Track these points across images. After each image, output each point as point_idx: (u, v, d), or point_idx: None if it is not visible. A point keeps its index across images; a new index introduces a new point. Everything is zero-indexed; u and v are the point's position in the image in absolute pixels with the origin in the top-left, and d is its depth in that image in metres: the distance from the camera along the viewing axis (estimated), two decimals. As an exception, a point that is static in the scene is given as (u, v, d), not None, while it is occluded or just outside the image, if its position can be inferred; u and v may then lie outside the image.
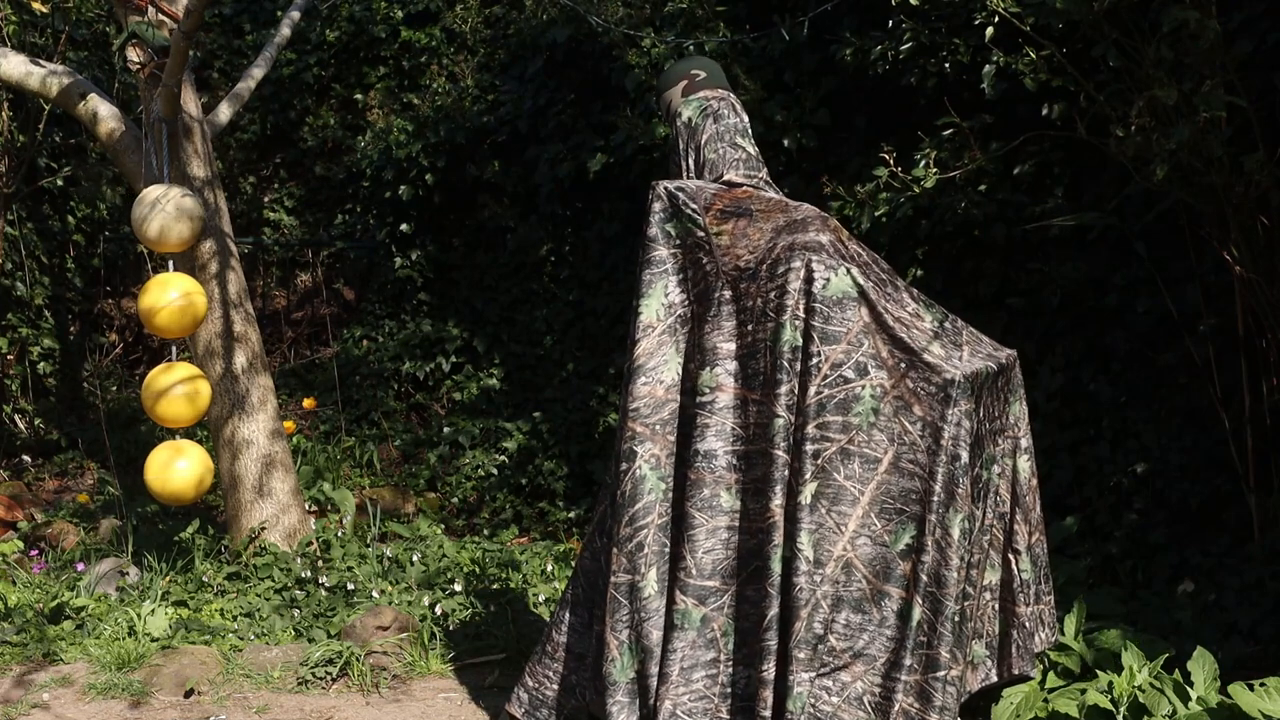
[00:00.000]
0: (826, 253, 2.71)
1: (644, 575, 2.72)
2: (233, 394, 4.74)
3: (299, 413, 7.24)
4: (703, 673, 2.69)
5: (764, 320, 2.70)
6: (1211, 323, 4.02)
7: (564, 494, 6.25)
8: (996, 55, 4.29)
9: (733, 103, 3.05)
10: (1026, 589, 2.93)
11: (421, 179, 7.25)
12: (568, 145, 6.57)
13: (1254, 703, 2.72)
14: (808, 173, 5.29)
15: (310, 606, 4.29)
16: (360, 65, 8.13)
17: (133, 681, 3.60)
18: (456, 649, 3.88)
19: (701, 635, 2.69)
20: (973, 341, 2.85)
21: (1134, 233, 4.24)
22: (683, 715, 2.66)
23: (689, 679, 2.68)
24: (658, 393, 2.77)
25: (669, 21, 5.69)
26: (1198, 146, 3.58)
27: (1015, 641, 2.93)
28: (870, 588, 2.67)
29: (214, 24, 8.18)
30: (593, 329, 6.63)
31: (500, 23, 7.65)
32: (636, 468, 2.73)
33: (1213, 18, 3.51)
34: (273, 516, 4.77)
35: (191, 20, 4.02)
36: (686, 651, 2.68)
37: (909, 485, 2.66)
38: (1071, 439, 4.47)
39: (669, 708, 2.65)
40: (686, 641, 2.68)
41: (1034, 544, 2.97)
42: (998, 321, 4.63)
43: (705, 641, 2.69)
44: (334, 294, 8.08)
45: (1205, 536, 4.02)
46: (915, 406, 2.67)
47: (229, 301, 4.74)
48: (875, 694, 2.64)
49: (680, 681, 2.67)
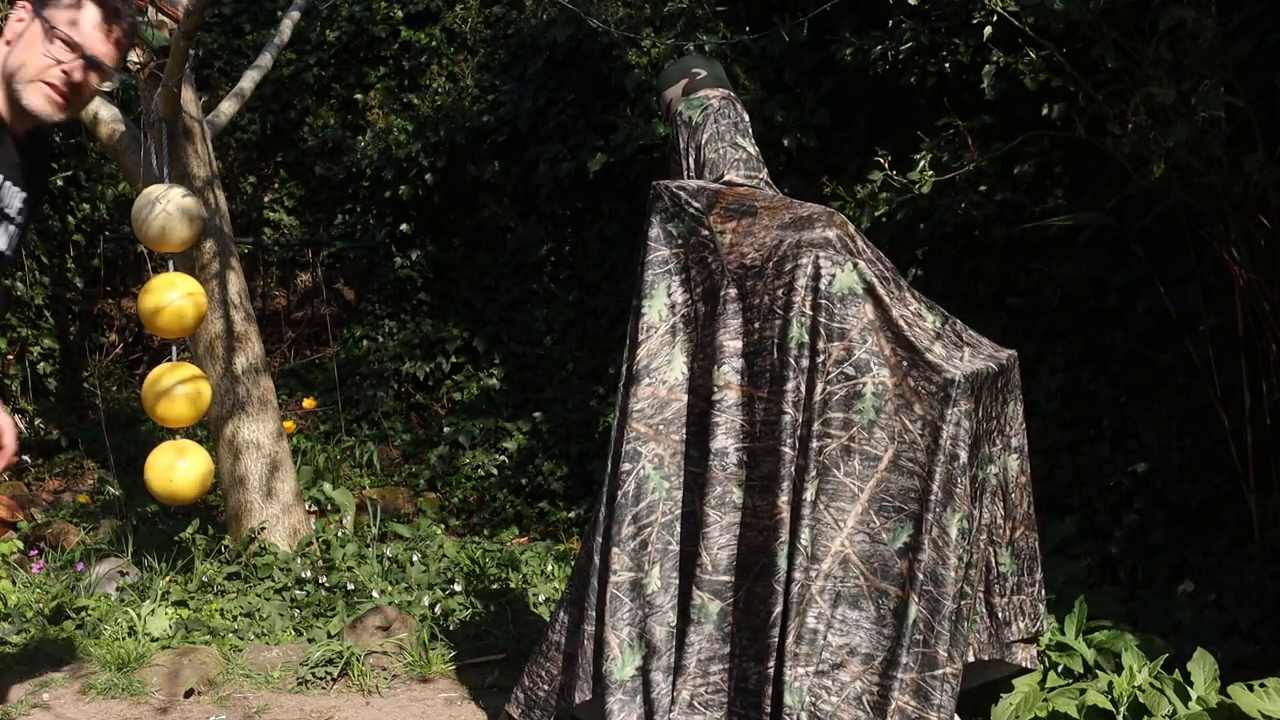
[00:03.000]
0: (834, 249, 2.71)
1: (648, 573, 2.73)
2: (233, 394, 4.74)
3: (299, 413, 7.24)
4: (719, 666, 2.71)
5: (771, 318, 2.70)
6: (1211, 323, 4.02)
7: (564, 494, 6.26)
8: (996, 55, 4.29)
9: (734, 102, 3.05)
10: (1003, 580, 2.94)
11: (421, 179, 7.25)
12: (568, 145, 6.57)
13: (1254, 703, 2.72)
14: (808, 173, 5.29)
15: (310, 606, 4.29)
16: (360, 65, 8.14)
17: (133, 681, 3.60)
18: (456, 649, 3.88)
19: (719, 629, 2.70)
20: (973, 343, 2.86)
21: (1133, 233, 4.24)
22: (699, 706, 2.68)
23: (706, 671, 2.70)
24: (660, 393, 2.78)
25: (669, 21, 5.69)
26: (1197, 146, 3.58)
27: (988, 629, 2.94)
28: (868, 584, 2.67)
29: (214, 24, 8.18)
30: (593, 329, 6.63)
31: (500, 23, 7.65)
32: (640, 468, 2.74)
33: (1211, 17, 3.51)
34: (273, 516, 4.77)
35: (191, 20, 4.02)
36: (703, 645, 2.69)
37: (908, 484, 2.67)
38: (1071, 439, 4.47)
39: (686, 697, 2.67)
40: (703, 635, 2.69)
41: (1016, 538, 2.97)
42: (998, 321, 4.63)
43: (722, 636, 2.70)
44: (334, 294, 8.08)
45: (1205, 536, 4.02)
46: (916, 405, 2.67)
47: (229, 301, 4.74)
48: (873, 693, 2.64)
49: (697, 674, 2.69)
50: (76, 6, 2.25)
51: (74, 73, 2.25)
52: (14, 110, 2.28)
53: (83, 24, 2.24)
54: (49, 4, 2.25)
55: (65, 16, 2.24)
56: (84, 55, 2.25)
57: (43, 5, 2.26)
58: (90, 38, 2.25)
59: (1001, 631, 2.94)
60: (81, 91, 2.29)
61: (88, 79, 2.28)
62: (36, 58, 2.24)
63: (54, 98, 2.26)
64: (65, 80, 2.25)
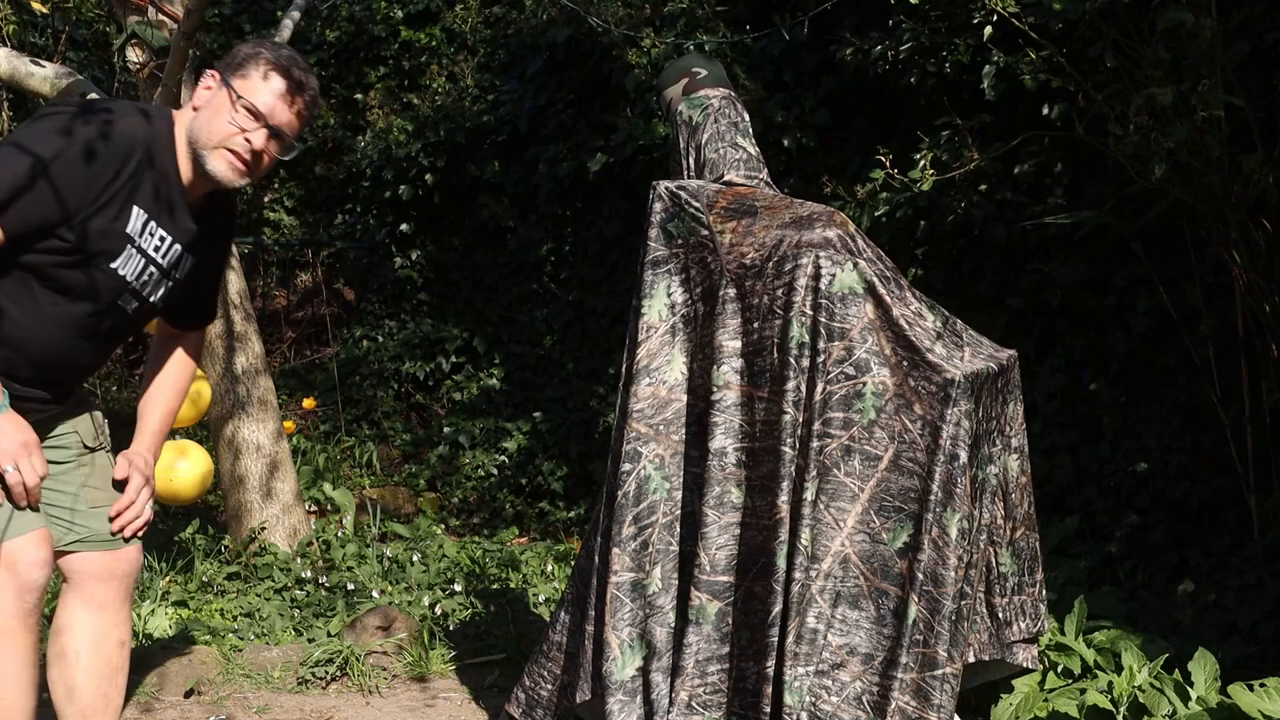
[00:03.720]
0: (834, 248, 2.71)
1: (649, 573, 2.73)
2: (233, 394, 4.74)
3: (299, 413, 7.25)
4: (717, 666, 2.70)
5: (771, 318, 2.70)
6: (1212, 323, 4.02)
7: (564, 494, 6.26)
8: (996, 55, 4.29)
9: (734, 101, 3.05)
10: (1003, 581, 2.94)
11: (421, 179, 7.25)
12: (568, 145, 6.58)
13: (1254, 703, 2.72)
14: (808, 173, 5.30)
15: (310, 606, 4.29)
16: (360, 65, 8.14)
17: (133, 681, 3.60)
18: (456, 649, 3.89)
19: (717, 630, 2.70)
20: (974, 343, 2.85)
21: (1132, 233, 4.25)
22: (698, 707, 2.68)
23: (704, 671, 2.70)
24: (661, 393, 2.77)
25: (669, 21, 5.69)
26: (1196, 146, 3.58)
27: (988, 629, 2.94)
28: (868, 584, 2.67)
29: (214, 24, 8.18)
30: (593, 329, 6.63)
31: (500, 23, 7.65)
32: (641, 468, 2.74)
33: (1210, 17, 3.51)
34: (273, 517, 4.77)
35: (191, 20, 4.02)
36: (701, 645, 2.69)
37: (908, 484, 2.66)
38: (1071, 439, 4.47)
39: (684, 698, 2.66)
40: (702, 636, 2.69)
41: (1017, 539, 2.97)
42: (998, 321, 4.63)
43: (720, 636, 2.70)
44: (334, 294, 8.08)
45: (1205, 536, 4.02)
46: (916, 405, 2.67)
47: (229, 301, 4.74)
48: (873, 693, 2.64)
49: (695, 674, 2.69)
50: (263, 78, 2.32)
51: (256, 141, 2.32)
52: (196, 174, 2.35)
53: (268, 95, 2.32)
54: (236, 73, 2.33)
55: (252, 86, 2.31)
56: (267, 125, 2.32)
57: (230, 74, 2.33)
58: (274, 108, 2.32)
59: (1002, 632, 2.94)
60: (261, 160, 2.36)
61: (268, 147, 2.35)
62: (222, 125, 2.31)
63: (236, 164, 2.33)
64: (248, 148, 2.32)
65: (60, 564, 2.44)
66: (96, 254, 2.26)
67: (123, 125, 2.25)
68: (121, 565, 2.48)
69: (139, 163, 2.27)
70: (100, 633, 2.46)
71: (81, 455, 2.46)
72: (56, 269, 2.24)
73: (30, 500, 2.27)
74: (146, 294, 2.39)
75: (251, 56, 2.34)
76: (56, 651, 2.46)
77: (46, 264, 2.23)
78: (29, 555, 2.27)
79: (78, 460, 2.45)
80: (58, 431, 2.42)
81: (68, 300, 2.28)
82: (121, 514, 2.45)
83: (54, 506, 2.38)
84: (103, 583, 2.46)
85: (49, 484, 2.36)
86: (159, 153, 2.31)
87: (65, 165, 2.17)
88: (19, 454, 2.23)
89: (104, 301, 2.33)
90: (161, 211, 2.34)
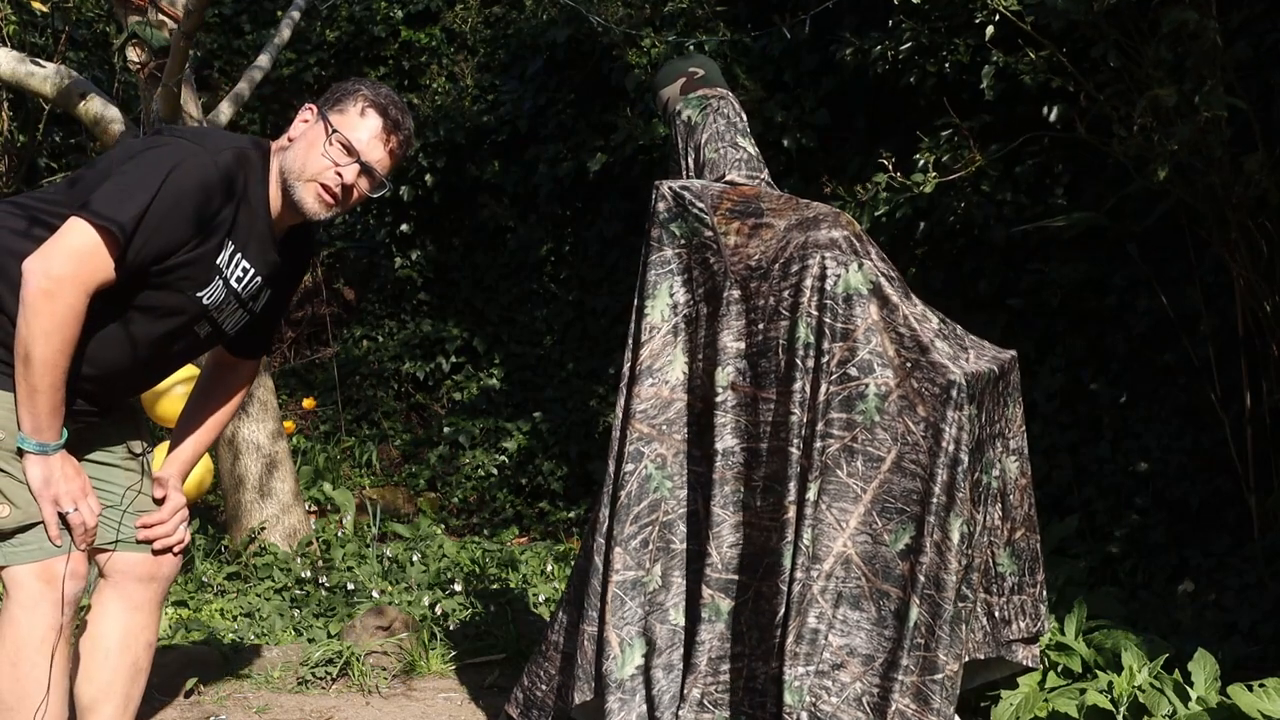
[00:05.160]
0: (840, 249, 2.71)
1: (649, 570, 2.73)
2: (233, 394, 4.74)
3: (299, 413, 7.24)
4: (729, 665, 2.71)
5: (776, 319, 2.70)
6: (1211, 323, 4.02)
7: (564, 494, 6.26)
8: (996, 55, 4.29)
9: (732, 102, 3.04)
10: (1001, 581, 2.94)
11: (421, 179, 7.25)
12: (568, 145, 6.58)
13: (1254, 703, 2.72)
14: (808, 173, 5.29)
15: (310, 606, 4.29)
16: (360, 65, 8.13)
17: (133, 681, 3.60)
18: (456, 649, 3.89)
19: (730, 628, 2.70)
20: (975, 346, 2.86)
21: (1133, 233, 4.25)
22: (709, 705, 2.68)
23: (717, 670, 2.70)
24: (663, 393, 2.77)
25: (669, 21, 5.69)
26: (1198, 146, 3.58)
27: (983, 628, 2.94)
28: (869, 585, 2.67)
29: (214, 24, 8.18)
30: (593, 329, 6.63)
31: (500, 23, 7.65)
32: (642, 468, 2.74)
33: (1212, 18, 3.51)
34: (273, 516, 4.77)
35: (191, 20, 4.02)
36: (715, 643, 2.69)
37: (910, 485, 2.66)
38: (1071, 439, 4.47)
39: (696, 695, 2.67)
40: (715, 634, 2.69)
41: (1016, 539, 2.97)
42: (998, 322, 4.63)
43: (733, 634, 2.70)
44: (334, 294, 8.08)
45: (1205, 536, 4.02)
46: (919, 406, 2.67)
47: (229, 301, 4.74)
48: (873, 695, 2.64)
49: (709, 672, 2.69)
50: (360, 114, 2.32)
51: (348, 176, 2.32)
52: (285, 205, 2.35)
53: (363, 131, 2.31)
54: (334, 108, 2.33)
55: (348, 122, 2.31)
56: (360, 160, 2.31)
57: (327, 109, 2.33)
58: (368, 145, 2.32)
59: (999, 630, 2.94)
60: (350, 194, 2.35)
61: (358, 183, 2.34)
62: (316, 159, 2.30)
63: (325, 198, 2.32)
64: (338, 182, 2.32)
65: (99, 560, 2.46)
66: (185, 280, 2.26)
67: (228, 158, 2.25)
68: (163, 569, 2.51)
69: (240, 195, 2.28)
70: (132, 633, 2.49)
71: (127, 459, 2.48)
72: (143, 290, 2.25)
73: (89, 539, 2.31)
74: (221, 321, 2.40)
75: (350, 93, 2.34)
76: (86, 647, 2.48)
77: (135, 285, 2.23)
78: (68, 570, 2.31)
79: (124, 464, 2.47)
80: (105, 434, 2.43)
81: (146, 320, 2.29)
82: (153, 528, 2.47)
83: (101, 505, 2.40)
84: (142, 584, 2.48)
85: (96, 483, 2.38)
86: (254, 184, 2.31)
87: (181, 201, 2.17)
88: (79, 496, 2.26)
89: (181, 324, 2.33)
90: (249, 243, 2.34)
